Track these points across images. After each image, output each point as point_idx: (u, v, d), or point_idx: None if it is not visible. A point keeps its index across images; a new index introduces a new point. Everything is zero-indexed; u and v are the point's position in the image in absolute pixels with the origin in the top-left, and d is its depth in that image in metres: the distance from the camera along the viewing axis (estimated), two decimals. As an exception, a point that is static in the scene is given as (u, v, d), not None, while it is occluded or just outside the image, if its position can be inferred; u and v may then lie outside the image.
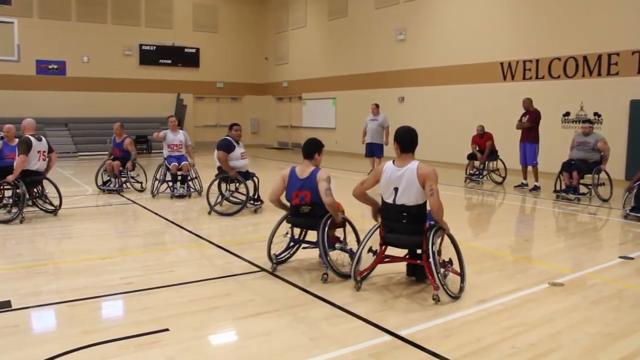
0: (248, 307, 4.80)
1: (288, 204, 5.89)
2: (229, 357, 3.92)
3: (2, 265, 6.22)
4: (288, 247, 6.04)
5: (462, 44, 16.65)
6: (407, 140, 5.08)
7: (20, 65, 18.30)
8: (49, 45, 22.10)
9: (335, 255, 5.87)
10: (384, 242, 5.27)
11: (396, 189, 4.99)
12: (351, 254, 5.77)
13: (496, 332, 4.27)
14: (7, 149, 9.53)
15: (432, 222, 5.11)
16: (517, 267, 6.39)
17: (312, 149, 5.84)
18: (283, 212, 6.04)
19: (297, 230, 6.10)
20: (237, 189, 9.95)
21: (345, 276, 5.50)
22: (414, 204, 4.98)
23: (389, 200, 5.07)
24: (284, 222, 5.99)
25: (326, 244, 5.48)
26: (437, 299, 4.82)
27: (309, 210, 5.66)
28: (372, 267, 5.36)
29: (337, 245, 5.70)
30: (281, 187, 5.86)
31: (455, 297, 4.93)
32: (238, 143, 9.89)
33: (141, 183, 11.93)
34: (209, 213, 9.21)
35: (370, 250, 5.34)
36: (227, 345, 4.23)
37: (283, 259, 6.04)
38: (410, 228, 5.06)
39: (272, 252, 5.87)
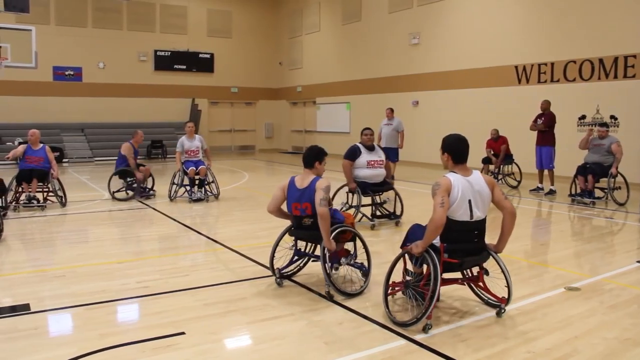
0: (263, 311, 4.81)
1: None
2: (244, 361, 3.94)
3: (20, 268, 6.30)
4: (292, 262, 5.62)
5: (476, 47, 16.60)
6: (463, 150, 4.55)
7: (37, 72, 18.50)
8: (65, 52, 22.34)
9: (344, 270, 5.53)
10: (458, 269, 4.67)
11: (470, 203, 4.39)
12: (362, 269, 5.41)
13: (512, 337, 4.25)
14: (30, 152, 10.11)
15: None
16: (532, 271, 6.35)
17: (312, 157, 5.42)
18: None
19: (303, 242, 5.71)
20: (349, 204, 8.66)
21: (348, 295, 5.12)
22: (485, 216, 4.54)
23: (464, 218, 4.39)
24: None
25: (327, 259, 5.08)
26: (503, 311, 4.67)
27: (311, 223, 5.25)
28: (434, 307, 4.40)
29: (342, 259, 5.27)
30: (281, 197, 5.53)
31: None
32: (371, 149, 8.54)
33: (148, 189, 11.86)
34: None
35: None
36: (242, 349, 4.25)
37: (289, 273, 5.69)
38: (480, 245, 4.59)
39: (276, 266, 5.54)
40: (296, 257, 5.61)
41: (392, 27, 19.91)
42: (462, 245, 4.45)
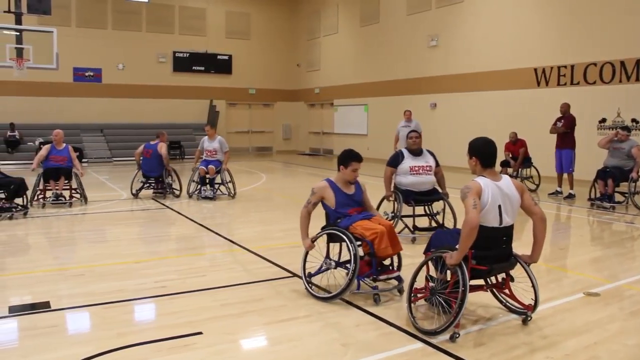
0: (280, 312, 4.82)
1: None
2: (261, 362, 3.95)
3: (41, 266, 6.37)
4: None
5: (495, 49, 16.50)
6: (492, 153, 4.44)
7: (58, 73, 18.68)
8: (85, 53, 22.58)
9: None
10: (485, 276, 4.56)
11: (500, 208, 4.27)
12: (375, 290, 5.09)
13: (530, 342, 4.21)
14: (54, 152, 10.58)
15: None
16: (551, 276, 6.29)
17: (338, 160, 5.47)
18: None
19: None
20: (394, 213, 7.83)
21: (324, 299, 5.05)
22: (513, 222, 4.44)
23: (494, 224, 4.28)
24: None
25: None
26: (529, 318, 4.57)
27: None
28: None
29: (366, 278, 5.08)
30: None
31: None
32: (417, 154, 7.73)
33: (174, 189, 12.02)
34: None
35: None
36: (258, 349, 4.25)
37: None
38: (508, 251, 4.51)
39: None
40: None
41: (411, 29, 19.86)
42: (491, 252, 4.33)
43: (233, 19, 25.95)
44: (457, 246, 4.19)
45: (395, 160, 7.71)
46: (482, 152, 4.42)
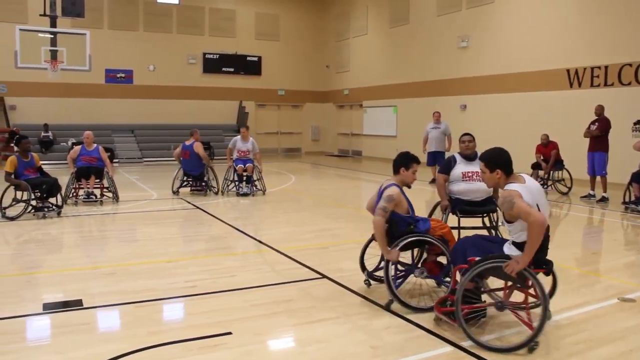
0: (308, 314, 4.82)
1: None
2: (290, 363, 3.96)
3: (73, 265, 6.48)
4: (378, 268, 5.39)
5: (526, 50, 16.29)
6: (511, 159, 4.36)
7: (90, 75, 19.00)
8: (117, 55, 22.90)
9: (413, 282, 5.28)
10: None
11: (538, 207, 4.15)
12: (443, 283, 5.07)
13: (561, 347, 4.14)
14: (85, 153, 10.95)
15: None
16: (583, 280, 6.19)
17: (397, 162, 5.23)
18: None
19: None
20: None
21: (413, 308, 4.83)
22: None
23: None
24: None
25: (389, 271, 4.85)
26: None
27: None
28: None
29: (417, 272, 5.01)
30: (373, 199, 5.34)
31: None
32: (471, 159, 6.87)
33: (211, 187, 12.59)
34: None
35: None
36: (287, 350, 4.26)
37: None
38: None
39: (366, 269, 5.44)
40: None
41: (441, 30, 19.72)
42: (544, 253, 4.25)
43: (262, 20, 26.07)
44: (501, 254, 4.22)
45: (447, 167, 6.98)
46: (504, 162, 4.29)
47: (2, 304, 4.99)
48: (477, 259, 4.27)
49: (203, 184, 12.34)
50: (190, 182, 12.37)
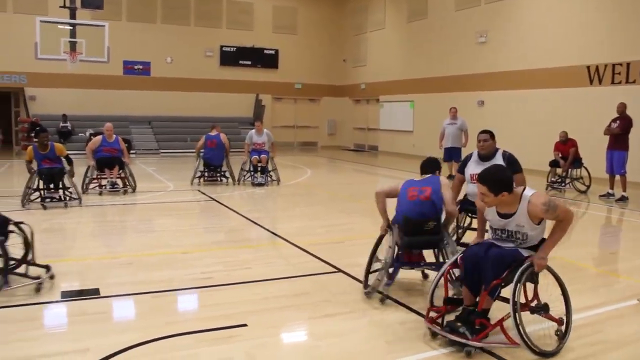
0: (323, 308, 4.82)
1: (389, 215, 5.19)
2: (304, 356, 3.96)
3: (91, 255, 6.54)
4: (394, 275, 5.13)
5: (546, 46, 16.12)
6: (511, 177, 4.25)
7: (108, 66, 19.15)
8: (135, 47, 23.01)
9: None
10: None
11: None
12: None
13: (578, 348, 4.09)
14: (106, 144, 11.15)
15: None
16: (601, 280, 6.13)
17: (433, 166, 5.37)
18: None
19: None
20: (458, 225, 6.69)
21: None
22: None
23: None
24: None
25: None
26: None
27: (433, 227, 4.92)
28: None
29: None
30: (394, 190, 5.22)
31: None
32: (486, 159, 6.05)
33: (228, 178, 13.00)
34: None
35: None
36: (301, 344, 4.27)
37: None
38: None
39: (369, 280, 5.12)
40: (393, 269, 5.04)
41: (459, 25, 19.58)
42: None
43: (280, 13, 26.06)
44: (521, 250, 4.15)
45: (463, 166, 6.42)
46: (507, 183, 4.07)
47: (20, 292, 5.05)
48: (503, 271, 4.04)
49: (220, 174, 12.86)
50: (207, 173, 12.74)
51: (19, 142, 21.29)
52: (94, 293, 5.05)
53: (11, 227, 5.23)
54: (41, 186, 9.53)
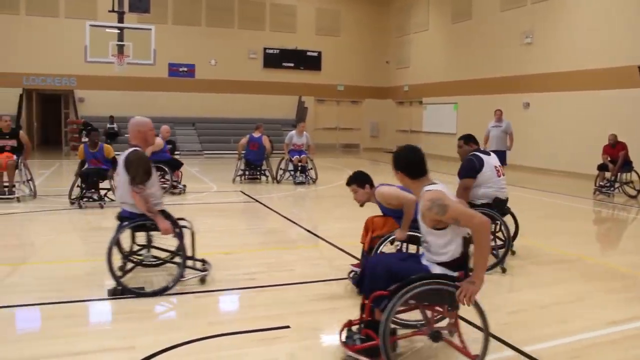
0: (366, 311, 4.78)
1: None
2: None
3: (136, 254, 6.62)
4: None
5: (594, 46, 15.73)
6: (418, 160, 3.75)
7: (154, 68, 19.50)
8: (180, 49, 23.42)
9: None
10: None
11: None
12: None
13: (627, 359, 3.96)
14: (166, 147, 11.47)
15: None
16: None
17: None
18: None
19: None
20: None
21: None
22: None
23: None
24: None
25: None
26: None
27: None
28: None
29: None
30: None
31: None
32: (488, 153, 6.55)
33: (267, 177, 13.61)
34: None
35: None
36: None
37: None
38: None
39: None
40: None
41: (505, 25, 19.28)
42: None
43: (323, 15, 26.12)
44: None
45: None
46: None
47: (68, 289, 5.17)
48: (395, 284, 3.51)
49: (260, 172, 13.47)
50: (247, 172, 13.37)
51: (67, 142, 21.86)
52: (139, 291, 5.13)
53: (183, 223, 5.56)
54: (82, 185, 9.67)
